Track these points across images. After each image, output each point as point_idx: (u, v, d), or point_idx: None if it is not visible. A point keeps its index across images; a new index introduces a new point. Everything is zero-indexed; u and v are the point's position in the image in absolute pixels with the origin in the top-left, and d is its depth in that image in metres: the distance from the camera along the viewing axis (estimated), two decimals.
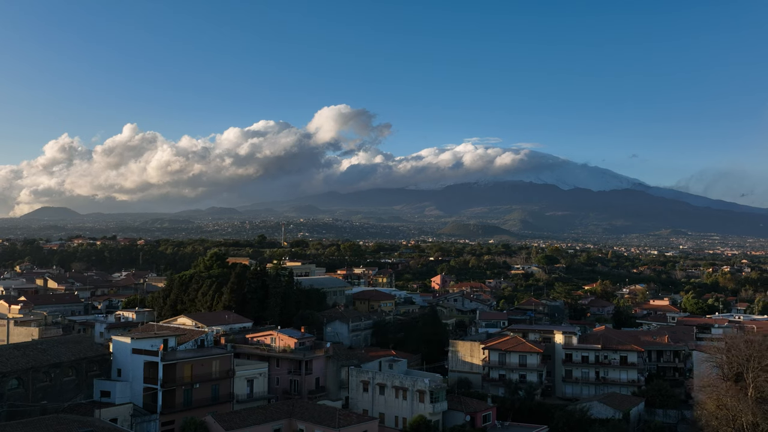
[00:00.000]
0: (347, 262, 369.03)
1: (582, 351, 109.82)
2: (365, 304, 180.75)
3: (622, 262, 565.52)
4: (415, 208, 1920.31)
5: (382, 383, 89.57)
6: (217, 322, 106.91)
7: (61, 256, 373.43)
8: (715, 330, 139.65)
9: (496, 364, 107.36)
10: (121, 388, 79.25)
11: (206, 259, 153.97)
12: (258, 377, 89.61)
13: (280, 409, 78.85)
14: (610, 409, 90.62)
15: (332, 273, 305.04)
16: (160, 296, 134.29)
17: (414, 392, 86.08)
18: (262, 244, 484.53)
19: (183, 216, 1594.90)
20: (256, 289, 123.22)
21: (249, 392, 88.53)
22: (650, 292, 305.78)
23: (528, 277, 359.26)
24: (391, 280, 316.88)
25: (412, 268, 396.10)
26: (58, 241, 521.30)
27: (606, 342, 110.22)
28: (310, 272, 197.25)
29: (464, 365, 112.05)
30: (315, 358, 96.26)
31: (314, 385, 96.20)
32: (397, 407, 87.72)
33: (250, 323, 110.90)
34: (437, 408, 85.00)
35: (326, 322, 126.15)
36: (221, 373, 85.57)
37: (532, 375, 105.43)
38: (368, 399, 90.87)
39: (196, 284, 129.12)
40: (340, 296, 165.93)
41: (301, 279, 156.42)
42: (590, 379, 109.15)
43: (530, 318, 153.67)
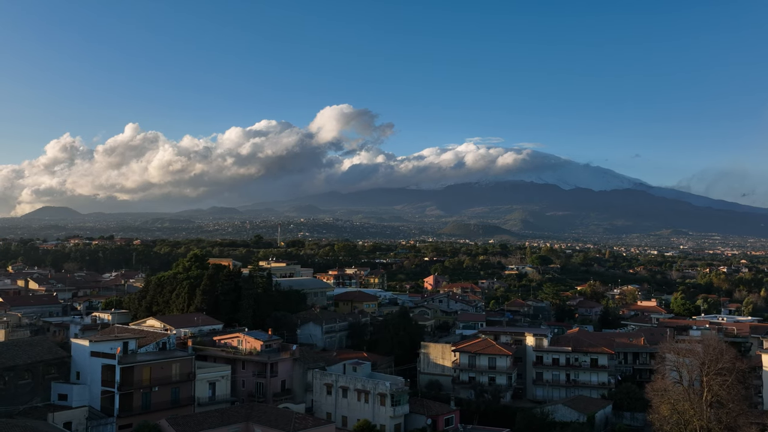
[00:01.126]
0: (340, 263, 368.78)
1: (553, 353, 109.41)
2: (348, 305, 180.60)
3: (619, 262, 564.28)
4: (416, 208, 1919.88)
5: (345, 386, 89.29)
6: (185, 324, 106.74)
7: (55, 256, 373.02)
8: (693, 332, 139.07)
9: (466, 366, 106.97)
10: (79, 391, 79.03)
11: (185, 260, 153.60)
12: (220, 380, 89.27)
13: (238, 413, 78.54)
14: (575, 412, 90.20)
15: (323, 274, 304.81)
16: (135, 298, 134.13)
17: (375, 395, 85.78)
18: (259, 244, 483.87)
19: (184, 216, 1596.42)
20: (228, 291, 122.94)
21: (211, 395, 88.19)
22: (642, 292, 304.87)
23: (521, 278, 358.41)
24: (382, 281, 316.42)
25: (406, 268, 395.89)
26: (54, 241, 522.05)
27: (577, 344, 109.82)
28: (294, 273, 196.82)
29: (436, 367, 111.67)
30: (281, 360, 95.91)
31: (280, 387, 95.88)
32: (360, 410, 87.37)
33: (220, 325, 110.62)
34: (398, 411, 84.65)
35: (300, 323, 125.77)
36: (182, 376, 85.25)
37: (501, 377, 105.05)
38: (332, 402, 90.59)
39: (171, 286, 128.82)
40: (321, 297, 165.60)
41: (281, 280, 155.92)
42: (561, 382, 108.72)
43: (508, 319, 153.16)
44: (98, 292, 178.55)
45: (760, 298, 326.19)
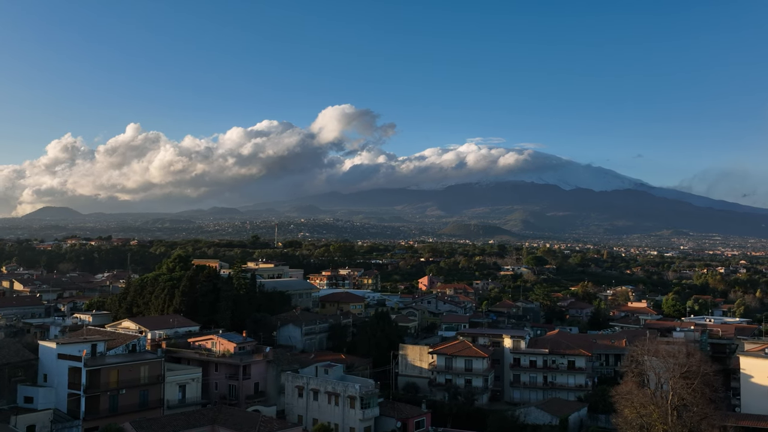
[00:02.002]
0: (335, 263, 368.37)
1: (530, 355, 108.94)
2: (335, 307, 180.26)
3: (617, 263, 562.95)
4: (417, 209, 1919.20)
5: (315, 389, 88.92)
6: (161, 326, 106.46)
7: (50, 256, 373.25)
8: (676, 334, 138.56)
9: (443, 368, 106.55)
10: (45, 394, 78.71)
11: (169, 261, 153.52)
12: (191, 382, 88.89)
13: (205, 416, 78.15)
14: (547, 415, 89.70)
15: (317, 274, 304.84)
16: (116, 299, 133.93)
17: (345, 398, 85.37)
18: (256, 244, 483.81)
19: (184, 216, 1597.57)
20: (207, 293, 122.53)
21: (181, 398, 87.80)
22: (637, 293, 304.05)
23: (516, 279, 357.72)
24: (376, 282, 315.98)
25: (402, 269, 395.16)
26: (51, 242, 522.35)
27: (554, 346, 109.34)
28: (283, 274, 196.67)
29: (413, 369, 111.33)
30: (253, 362, 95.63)
31: (253, 389, 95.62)
32: (330, 413, 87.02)
33: (196, 327, 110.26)
34: (368, 414, 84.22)
35: (280, 325, 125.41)
36: (151, 379, 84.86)
37: (477, 380, 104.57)
38: (303, 404, 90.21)
39: (151, 287, 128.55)
40: (306, 299, 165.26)
41: (266, 281, 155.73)
42: (538, 384, 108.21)
43: (491, 321, 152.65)
44: (83, 293, 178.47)
45: (755, 299, 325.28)
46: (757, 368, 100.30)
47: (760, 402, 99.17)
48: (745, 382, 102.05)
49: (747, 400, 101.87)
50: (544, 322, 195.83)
